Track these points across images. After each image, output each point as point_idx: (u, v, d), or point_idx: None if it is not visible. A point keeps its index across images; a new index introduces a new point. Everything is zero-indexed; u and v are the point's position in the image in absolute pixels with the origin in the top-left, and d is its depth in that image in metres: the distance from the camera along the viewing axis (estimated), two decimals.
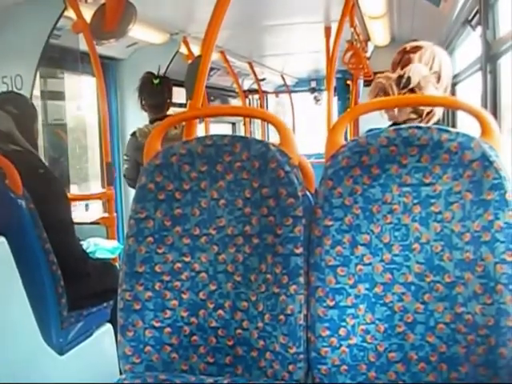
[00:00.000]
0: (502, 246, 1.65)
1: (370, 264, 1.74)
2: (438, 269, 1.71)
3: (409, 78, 2.06)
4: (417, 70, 2.07)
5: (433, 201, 1.72)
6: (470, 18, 4.17)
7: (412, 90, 2.07)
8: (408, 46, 2.18)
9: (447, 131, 1.71)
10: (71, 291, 2.73)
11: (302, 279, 1.76)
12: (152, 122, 4.01)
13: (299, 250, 1.77)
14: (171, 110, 4.25)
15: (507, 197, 1.66)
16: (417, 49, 2.15)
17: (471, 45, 4.64)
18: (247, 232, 1.84)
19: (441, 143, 1.70)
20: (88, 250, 3.21)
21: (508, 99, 3.57)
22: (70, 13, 3.88)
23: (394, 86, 2.08)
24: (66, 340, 2.68)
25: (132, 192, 1.95)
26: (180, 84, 5.84)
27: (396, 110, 2.13)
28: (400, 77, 2.08)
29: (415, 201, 1.73)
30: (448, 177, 1.71)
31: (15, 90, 3.75)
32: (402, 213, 1.73)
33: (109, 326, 3.03)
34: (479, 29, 3.79)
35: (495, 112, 3.48)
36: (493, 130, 1.73)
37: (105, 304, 3.01)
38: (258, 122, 10.62)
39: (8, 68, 3.80)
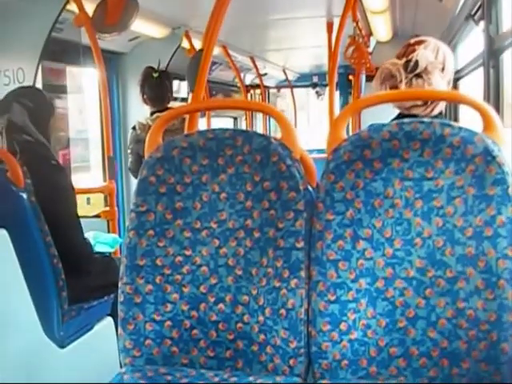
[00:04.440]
0: (505, 241, 1.65)
1: (371, 258, 1.73)
2: (439, 263, 1.71)
3: (416, 62, 2.07)
4: (424, 56, 2.08)
5: (435, 195, 1.71)
6: (473, 12, 4.15)
7: (419, 76, 2.08)
8: (412, 40, 2.19)
9: (450, 125, 1.70)
10: (72, 284, 2.73)
11: (303, 273, 1.76)
12: (152, 114, 4.12)
13: (300, 244, 1.76)
14: (172, 104, 4.30)
15: (510, 192, 1.65)
16: (421, 42, 2.16)
17: (474, 39, 4.63)
18: (248, 226, 1.84)
19: (443, 137, 1.69)
20: None
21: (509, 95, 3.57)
22: (73, 6, 3.88)
23: (401, 70, 2.08)
24: (66, 333, 2.68)
25: (134, 186, 1.95)
26: (182, 78, 5.89)
27: None
28: (408, 61, 2.08)
29: (417, 195, 1.72)
30: (450, 171, 1.70)
31: (17, 83, 3.75)
32: (404, 207, 1.73)
33: (109, 319, 3.02)
34: (482, 23, 3.78)
35: (498, 107, 3.47)
36: (495, 124, 1.72)
37: (105, 297, 3.00)
38: (259, 116, 10.62)
39: (10, 61, 3.80)
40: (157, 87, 4.19)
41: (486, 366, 1.66)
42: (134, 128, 4.20)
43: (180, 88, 6.40)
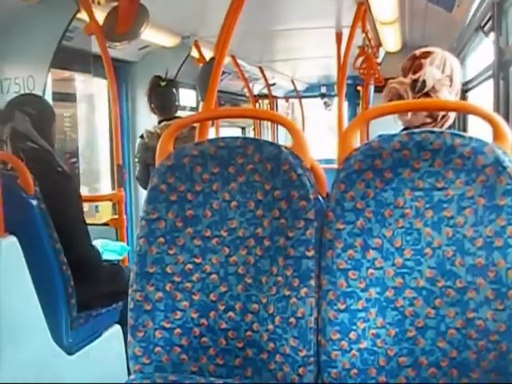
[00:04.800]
0: None
1: (381, 268, 1.73)
2: (449, 274, 1.70)
3: (424, 82, 2.07)
4: (431, 74, 2.08)
5: (445, 205, 1.71)
6: (482, 24, 4.15)
7: (427, 94, 2.08)
8: (418, 51, 2.19)
9: (460, 136, 1.70)
10: (81, 292, 2.73)
11: (313, 282, 1.76)
12: (160, 123, 4.14)
13: (311, 253, 1.76)
14: (180, 113, 4.32)
15: None
16: (427, 54, 2.16)
17: (483, 51, 4.63)
18: (259, 234, 1.84)
19: (454, 148, 1.69)
20: None
21: None
22: (83, 15, 3.90)
23: (409, 90, 2.09)
24: (75, 340, 2.69)
25: (142, 194, 1.95)
26: (191, 87, 5.90)
27: (410, 114, 2.13)
28: (415, 81, 2.09)
29: (427, 205, 1.72)
30: (461, 182, 1.70)
31: (27, 90, 3.77)
32: (414, 217, 1.73)
33: (117, 327, 3.03)
34: (492, 35, 3.78)
35: (507, 118, 3.47)
36: (506, 134, 1.72)
37: (114, 305, 3.01)
38: (267, 126, 10.62)
39: (20, 69, 3.81)
40: (164, 96, 4.22)
41: (496, 376, 1.65)
42: (141, 136, 4.22)
43: (187, 97, 6.41)
